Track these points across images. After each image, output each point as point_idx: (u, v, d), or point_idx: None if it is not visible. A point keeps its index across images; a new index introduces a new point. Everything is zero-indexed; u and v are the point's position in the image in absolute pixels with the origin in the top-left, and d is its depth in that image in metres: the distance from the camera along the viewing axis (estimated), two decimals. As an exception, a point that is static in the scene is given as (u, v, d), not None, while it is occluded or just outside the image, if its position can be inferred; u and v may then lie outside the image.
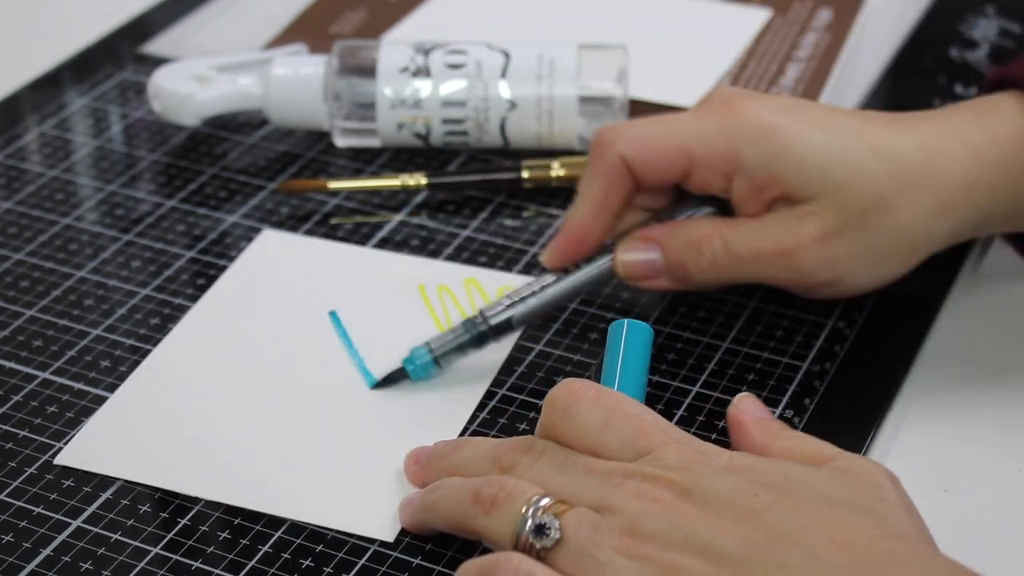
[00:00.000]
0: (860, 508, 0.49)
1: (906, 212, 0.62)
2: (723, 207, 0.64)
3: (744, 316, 0.67)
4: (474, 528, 0.52)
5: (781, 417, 0.62)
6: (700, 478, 0.50)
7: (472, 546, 0.55)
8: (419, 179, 0.74)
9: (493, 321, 0.63)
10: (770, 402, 0.62)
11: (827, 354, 0.65)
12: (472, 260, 0.71)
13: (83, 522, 0.57)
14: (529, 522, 0.50)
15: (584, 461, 0.52)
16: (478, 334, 0.63)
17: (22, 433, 0.61)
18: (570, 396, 0.54)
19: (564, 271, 0.64)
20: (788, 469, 0.51)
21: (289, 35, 0.87)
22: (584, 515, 0.50)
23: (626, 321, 0.59)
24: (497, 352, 0.65)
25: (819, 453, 0.53)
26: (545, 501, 0.51)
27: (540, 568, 0.49)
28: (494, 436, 0.61)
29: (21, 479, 0.59)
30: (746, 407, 0.56)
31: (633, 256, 0.64)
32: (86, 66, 0.86)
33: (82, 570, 0.55)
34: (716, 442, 0.60)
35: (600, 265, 0.64)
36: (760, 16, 0.89)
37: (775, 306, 0.68)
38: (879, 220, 0.62)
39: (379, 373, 0.63)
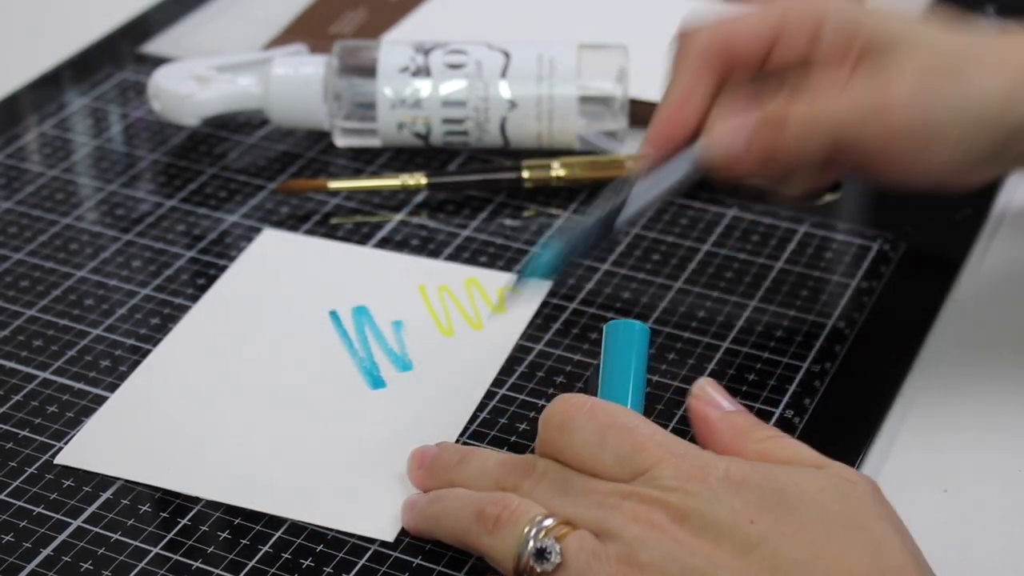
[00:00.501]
0: (857, 529, 0.48)
1: (986, 76, 0.61)
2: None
3: (744, 316, 0.67)
4: (477, 545, 0.52)
5: (781, 417, 0.61)
6: (697, 501, 0.49)
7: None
8: (419, 179, 0.74)
9: (617, 212, 0.62)
10: (770, 402, 0.62)
11: (827, 354, 0.65)
12: (472, 260, 0.71)
13: (83, 522, 0.57)
14: (531, 544, 0.50)
15: (583, 482, 0.52)
16: (605, 221, 0.63)
17: (22, 433, 0.61)
18: (565, 414, 0.54)
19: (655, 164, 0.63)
20: (785, 479, 0.50)
21: (289, 35, 0.87)
22: (585, 540, 0.50)
23: (622, 322, 0.59)
24: (497, 352, 0.65)
25: (796, 458, 0.52)
26: (548, 522, 0.51)
27: None
28: (494, 436, 0.61)
29: (21, 479, 0.59)
30: (710, 399, 0.54)
31: (723, 126, 0.62)
32: (86, 66, 0.86)
33: (82, 570, 0.55)
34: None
35: (693, 152, 0.63)
36: (760, 16, 0.89)
37: (775, 306, 0.68)
38: (961, 80, 0.61)
39: (386, 376, 0.63)
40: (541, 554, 0.50)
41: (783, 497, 0.49)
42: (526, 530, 0.51)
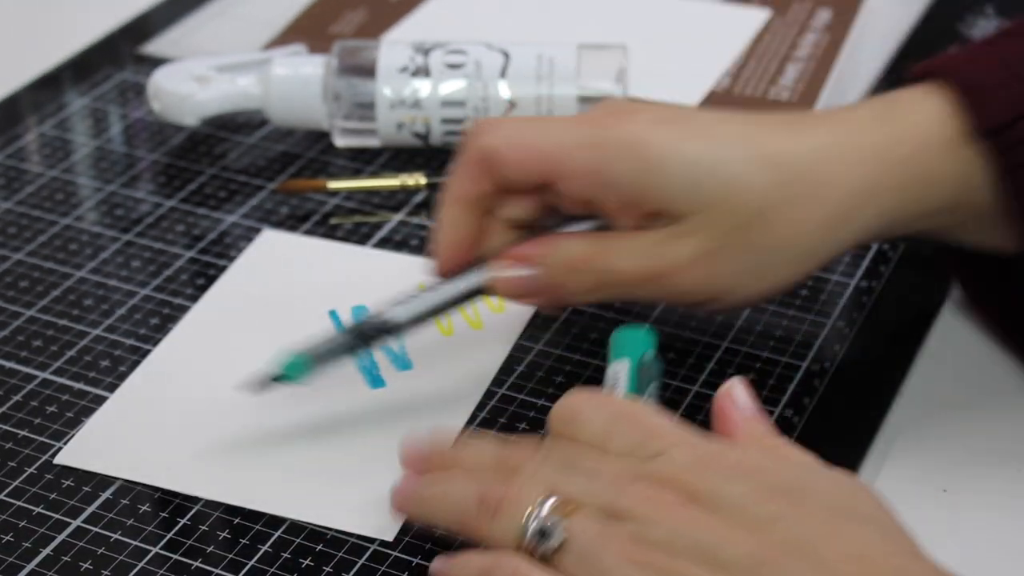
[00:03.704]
0: (868, 519, 0.48)
1: (790, 226, 0.58)
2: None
3: (744, 316, 0.67)
4: (477, 532, 0.52)
5: (781, 416, 0.61)
6: (711, 482, 0.49)
7: (465, 547, 0.55)
8: (419, 179, 0.74)
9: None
10: (770, 402, 0.62)
11: (827, 354, 0.65)
12: (472, 260, 0.71)
13: (83, 522, 0.57)
14: (533, 525, 0.49)
15: (592, 461, 0.51)
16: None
17: (22, 433, 0.61)
18: (573, 407, 0.53)
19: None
20: (798, 471, 0.50)
21: (289, 35, 0.87)
22: (590, 519, 0.49)
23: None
24: (497, 352, 0.65)
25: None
26: (551, 501, 0.50)
27: (539, 573, 0.49)
28: (494, 436, 0.61)
29: (21, 479, 0.59)
30: (738, 398, 0.54)
31: (509, 273, 0.60)
32: (86, 66, 0.86)
33: (82, 570, 0.55)
34: (716, 442, 0.60)
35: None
36: (759, 16, 0.89)
37: (775, 306, 0.68)
38: (759, 236, 0.58)
39: (386, 376, 0.64)
40: (543, 534, 0.49)
41: (795, 486, 0.49)
42: (528, 510, 0.50)
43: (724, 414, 0.54)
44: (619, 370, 0.58)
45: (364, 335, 0.60)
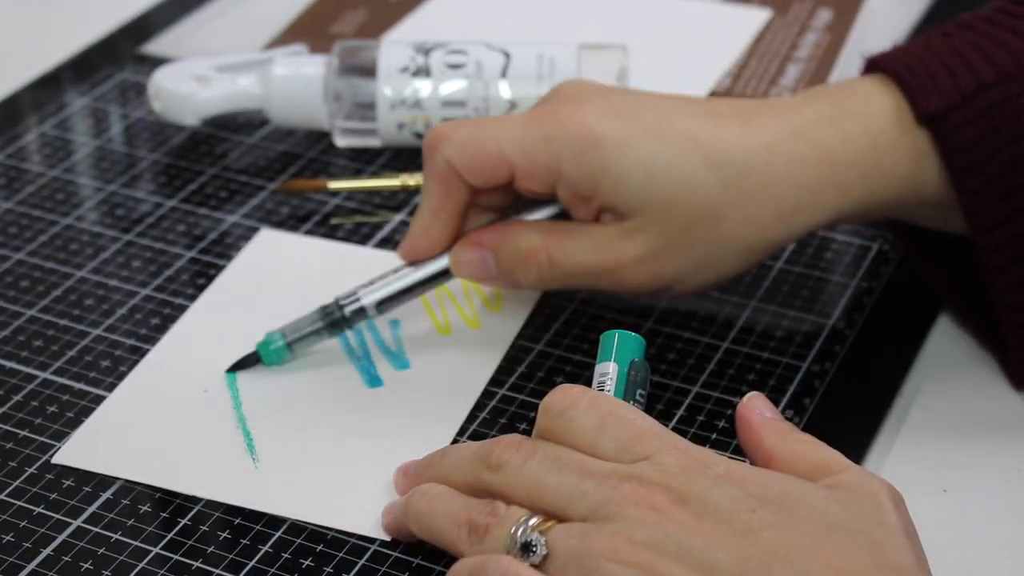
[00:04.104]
0: (858, 532, 0.48)
1: (738, 224, 0.60)
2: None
3: (744, 316, 0.67)
4: (464, 554, 0.52)
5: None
6: (699, 486, 0.49)
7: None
8: (419, 179, 0.74)
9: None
10: (770, 402, 0.62)
11: (827, 354, 0.65)
12: (472, 260, 0.71)
13: (83, 522, 0.57)
14: (517, 542, 0.50)
15: (579, 461, 0.51)
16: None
17: (22, 433, 0.61)
18: (564, 401, 0.53)
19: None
20: (787, 484, 0.50)
21: (289, 35, 0.87)
22: (572, 529, 0.50)
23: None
24: (495, 352, 0.65)
25: (828, 463, 0.52)
26: (534, 520, 0.50)
27: (528, 571, 0.49)
28: (494, 436, 0.60)
29: (21, 479, 0.59)
30: (755, 406, 0.55)
31: (466, 256, 0.63)
32: (86, 66, 0.86)
33: (82, 570, 0.55)
34: (716, 443, 0.60)
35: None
36: (760, 16, 0.89)
37: (775, 306, 0.68)
38: (707, 234, 0.60)
39: (384, 375, 0.64)
40: (527, 548, 0.50)
41: (785, 497, 0.49)
42: (512, 529, 0.50)
43: (744, 419, 0.55)
44: (607, 372, 0.58)
45: (336, 318, 0.63)
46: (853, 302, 0.68)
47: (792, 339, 0.66)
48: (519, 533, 0.50)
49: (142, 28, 0.90)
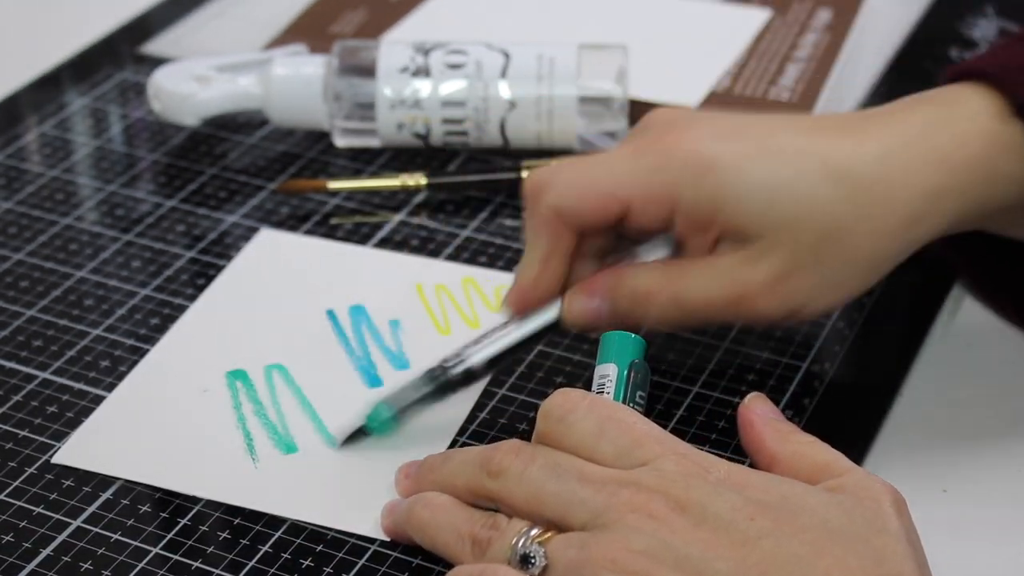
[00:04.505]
0: (859, 539, 0.48)
1: (864, 237, 0.58)
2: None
3: (744, 316, 0.67)
4: (468, 563, 0.52)
5: (781, 417, 0.61)
6: (698, 492, 0.49)
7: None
8: (419, 179, 0.74)
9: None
10: (770, 402, 0.62)
11: (827, 354, 0.65)
12: (472, 260, 0.71)
13: (83, 522, 0.57)
14: (517, 553, 0.50)
15: (578, 468, 0.51)
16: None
17: (22, 433, 0.61)
18: (564, 405, 0.53)
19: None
20: (787, 489, 0.50)
21: (289, 35, 0.87)
22: (571, 539, 0.50)
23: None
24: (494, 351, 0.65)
25: (830, 464, 0.52)
26: (534, 532, 0.50)
27: None
28: (494, 436, 0.61)
29: (21, 479, 0.59)
30: (756, 407, 0.55)
31: (579, 305, 0.60)
32: (86, 66, 0.86)
33: (82, 570, 0.55)
34: (716, 443, 0.60)
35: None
36: (760, 16, 0.89)
37: (775, 306, 0.68)
38: (834, 250, 0.57)
39: (384, 375, 0.64)
40: (525, 560, 0.50)
41: (785, 503, 0.49)
42: (513, 541, 0.50)
43: (747, 420, 0.55)
44: (607, 374, 0.58)
45: (443, 382, 0.60)
46: (853, 302, 0.68)
47: (792, 339, 0.66)
48: (519, 544, 0.50)
49: (142, 28, 0.90)
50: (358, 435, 0.60)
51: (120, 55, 0.87)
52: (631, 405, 0.57)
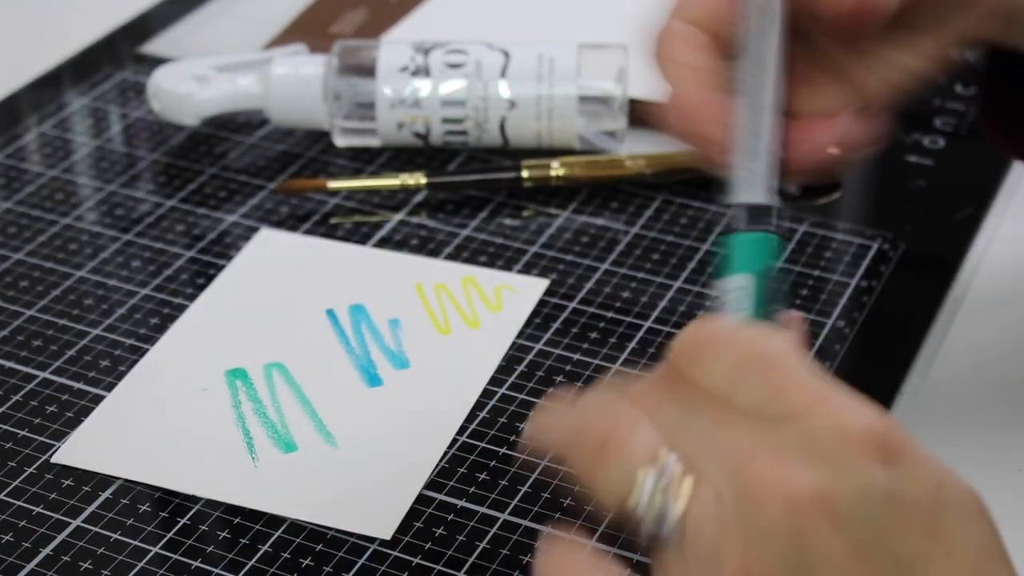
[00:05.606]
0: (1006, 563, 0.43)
1: None
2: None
3: (744, 316, 0.67)
4: (577, 471, 0.43)
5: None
6: (845, 483, 0.41)
7: (464, 547, 0.55)
8: (419, 179, 0.74)
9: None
10: (770, 402, 0.62)
11: (827, 354, 0.65)
12: (472, 259, 0.71)
13: (83, 522, 0.57)
14: (645, 498, 0.41)
15: (713, 414, 0.43)
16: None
17: (21, 433, 0.61)
18: (699, 343, 0.44)
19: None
20: (942, 479, 0.44)
21: (289, 35, 0.87)
22: (709, 508, 0.41)
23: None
24: (494, 351, 0.65)
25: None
26: (672, 469, 0.41)
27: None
28: (494, 436, 0.61)
29: (21, 479, 0.59)
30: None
31: None
32: (86, 66, 0.86)
33: (82, 570, 0.55)
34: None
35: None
36: (760, 16, 0.89)
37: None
38: None
39: (383, 375, 0.64)
40: (659, 519, 0.41)
41: (938, 507, 0.44)
42: (640, 475, 0.41)
43: None
44: (738, 287, 0.49)
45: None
46: (853, 301, 0.68)
47: (792, 339, 0.66)
48: (649, 486, 0.42)
49: (142, 28, 0.90)
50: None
51: (120, 55, 0.87)
52: (769, 322, 0.49)
